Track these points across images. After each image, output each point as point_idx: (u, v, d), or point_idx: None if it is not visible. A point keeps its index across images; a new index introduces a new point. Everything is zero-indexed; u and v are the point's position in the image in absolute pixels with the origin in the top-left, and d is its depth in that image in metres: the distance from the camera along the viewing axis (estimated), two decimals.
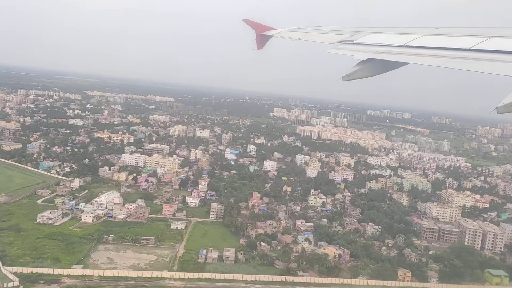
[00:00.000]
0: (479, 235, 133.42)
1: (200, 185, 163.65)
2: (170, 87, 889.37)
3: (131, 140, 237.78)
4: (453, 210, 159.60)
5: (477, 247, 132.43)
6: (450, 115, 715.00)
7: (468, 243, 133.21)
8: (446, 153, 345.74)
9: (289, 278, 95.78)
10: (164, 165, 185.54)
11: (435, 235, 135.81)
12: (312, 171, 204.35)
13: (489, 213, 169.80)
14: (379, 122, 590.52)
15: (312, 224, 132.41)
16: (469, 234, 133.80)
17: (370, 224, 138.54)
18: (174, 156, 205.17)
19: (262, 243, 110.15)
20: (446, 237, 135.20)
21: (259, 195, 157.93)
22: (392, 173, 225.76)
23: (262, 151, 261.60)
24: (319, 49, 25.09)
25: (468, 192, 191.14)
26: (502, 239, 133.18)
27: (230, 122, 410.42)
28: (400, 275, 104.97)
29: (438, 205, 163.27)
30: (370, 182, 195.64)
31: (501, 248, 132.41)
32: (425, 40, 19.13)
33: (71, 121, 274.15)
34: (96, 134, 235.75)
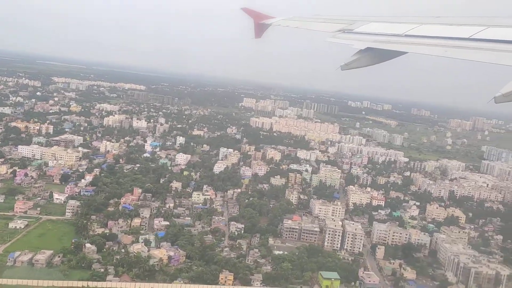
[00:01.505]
0: (338, 235, 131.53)
1: (83, 180, 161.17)
2: (156, 74, 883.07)
3: (50, 130, 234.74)
4: (336, 208, 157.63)
5: (337, 247, 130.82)
6: (436, 107, 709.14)
7: (328, 243, 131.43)
8: (396, 146, 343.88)
9: (92, 284, 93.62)
10: (61, 157, 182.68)
11: (296, 235, 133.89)
12: (220, 166, 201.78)
13: (379, 211, 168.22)
14: (353, 113, 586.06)
15: (168, 223, 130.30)
16: (328, 234, 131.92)
17: (232, 223, 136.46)
18: (79, 148, 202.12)
19: (87, 245, 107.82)
20: (307, 237, 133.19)
21: (140, 190, 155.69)
22: (310, 168, 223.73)
23: (192, 143, 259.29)
24: (318, 39, 25.24)
25: (369, 189, 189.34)
26: (361, 239, 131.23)
27: (185, 112, 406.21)
28: (222, 278, 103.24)
29: (323, 202, 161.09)
30: (274, 177, 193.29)
31: (359, 248, 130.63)
32: (425, 29, 19.06)
33: None
34: (13, 124, 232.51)
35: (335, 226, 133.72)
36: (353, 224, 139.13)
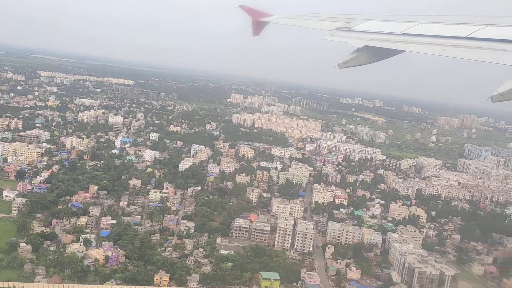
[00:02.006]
0: (289, 234, 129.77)
1: (39, 176, 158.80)
2: (148, 69, 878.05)
3: (20, 126, 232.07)
4: (295, 206, 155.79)
5: (287, 247, 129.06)
6: (429, 104, 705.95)
7: (278, 242, 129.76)
8: (378, 144, 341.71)
9: (19, 285, 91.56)
10: (22, 153, 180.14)
11: (246, 234, 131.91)
12: (186, 163, 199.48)
13: (341, 210, 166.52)
14: (343, 110, 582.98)
15: (115, 222, 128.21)
16: (279, 233, 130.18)
17: (184, 221, 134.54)
18: (44, 144, 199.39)
19: (22, 244, 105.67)
20: (257, 236, 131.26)
21: (96, 188, 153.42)
22: (281, 166, 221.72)
23: (166, 139, 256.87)
24: (316, 37, 25.54)
25: (334, 187, 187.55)
26: (311, 238, 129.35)
27: (168, 107, 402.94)
28: (157, 279, 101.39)
29: (281, 201, 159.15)
30: (240, 175, 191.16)
31: (309, 247, 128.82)
32: (422, 28, 19.14)
33: None
34: None
35: (286, 225, 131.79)
36: (305, 223, 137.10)
